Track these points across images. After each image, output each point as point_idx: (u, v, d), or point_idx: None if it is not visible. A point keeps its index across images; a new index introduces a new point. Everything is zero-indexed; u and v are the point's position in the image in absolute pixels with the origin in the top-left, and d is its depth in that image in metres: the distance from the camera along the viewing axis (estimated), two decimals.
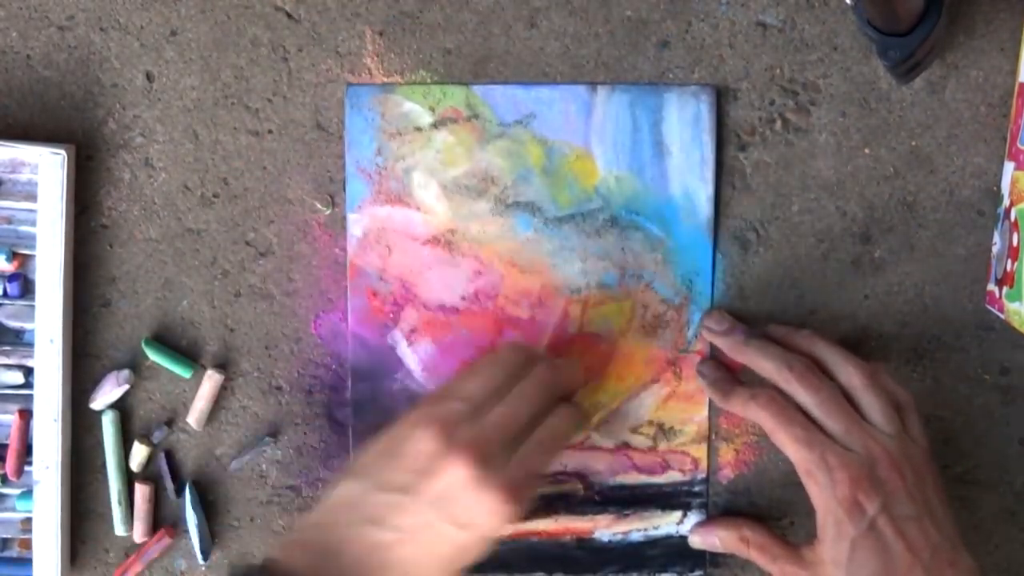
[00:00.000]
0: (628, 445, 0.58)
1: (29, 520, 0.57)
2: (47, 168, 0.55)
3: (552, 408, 0.52)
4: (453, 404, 0.50)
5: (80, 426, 0.58)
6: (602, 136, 0.57)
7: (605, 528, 0.59)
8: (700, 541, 0.58)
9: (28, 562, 0.57)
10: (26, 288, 0.57)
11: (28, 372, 0.57)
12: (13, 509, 0.58)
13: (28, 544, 0.57)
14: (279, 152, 0.57)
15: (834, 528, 0.50)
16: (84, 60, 0.57)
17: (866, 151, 0.57)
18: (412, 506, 0.47)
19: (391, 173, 0.57)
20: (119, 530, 0.58)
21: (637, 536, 0.59)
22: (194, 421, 0.58)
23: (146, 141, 0.57)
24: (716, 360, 0.58)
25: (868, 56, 0.56)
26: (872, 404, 0.52)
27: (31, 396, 0.56)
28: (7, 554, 0.58)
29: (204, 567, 0.59)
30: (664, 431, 0.58)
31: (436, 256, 0.57)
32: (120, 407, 0.58)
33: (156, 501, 0.59)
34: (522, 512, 0.49)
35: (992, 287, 0.56)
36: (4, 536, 0.58)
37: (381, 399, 0.58)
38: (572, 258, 0.57)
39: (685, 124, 0.56)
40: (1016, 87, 0.56)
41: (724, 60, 0.56)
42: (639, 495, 0.59)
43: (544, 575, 0.59)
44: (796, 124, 0.57)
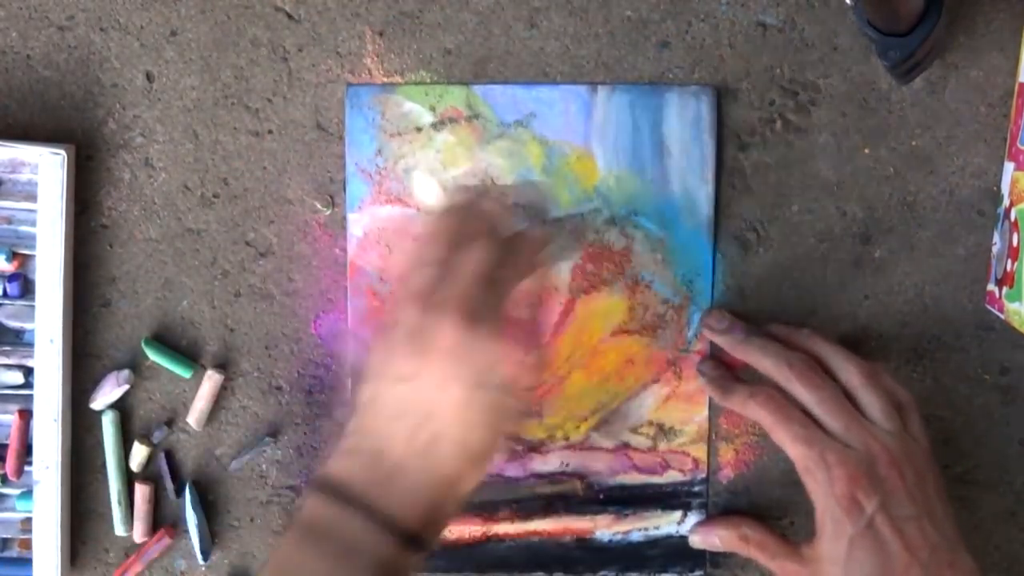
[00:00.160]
0: (628, 445, 0.58)
1: (29, 520, 0.57)
2: (47, 168, 0.55)
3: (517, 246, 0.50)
4: (423, 273, 0.48)
5: (80, 426, 0.58)
6: (602, 136, 0.57)
7: (605, 528, 0.59)
8: (700, 541, 0.58)
9: (28, 562, 0.57)
10: (26, 288, 0.57)
11: (28, 372, 0.57)
12: (13, 509, 0.58)
13: (28, 544, 0.57)
14: (279, 152, 0.57)
15: (832, 526, 0.50)
16: (84, 60, 0.57)
17: (866, 151, 0.57)
18: (431, 383, 0.47)
19: (391, 173, 0.57)
20: (119, 530, 0.58)
21: (637, 536, 0.59)
22: (194, 421, 0.58)
23: (146, 141, 0.57)
24: (716, 359, 0.58)
25: (868, 56, 0.56)
26: (872, 403, 0.52)
27: (31, 396, 0.56)
28: (7, 554, 0.58)
29: (204, 567, 0.59)
30: (664, 431, 0.58)
31: None
32: (120, 407, 0.58)
33: (156, 501, 0.59)
34: (534, 351, 0.48)
35: (992, 287, 0.56)
36: (4, 536, 0.58)
37: None
38: (572, 258, 0.57)
39: (685, 124, 0.56)
40: (1016, 87, 0.56)
41: (724, 60, 0.56)
42: (639, 495, 0.59)
43: (544, 575, 0.59)
44: (796, 124, 0.57)
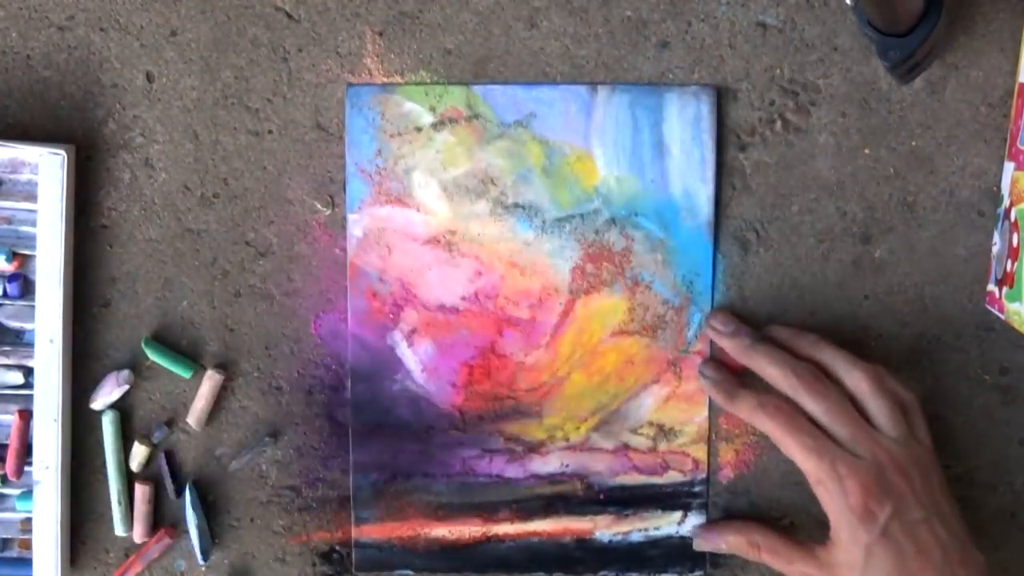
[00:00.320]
0: (628, 446, 0.58)
1: (29, 520, 0.57)
2: (47, 168, 0.55)
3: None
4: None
5: (80, 426, 0.58)
6: (602, 136, 0.57)
7: (605, 528, 0.59)
8: (706, 544, 0.58)
9: (28, 562, 0.57)
10: (26, 288, 0.57)
11: (28, 372, 0.57)
12: (13, 509, 0.58)
13: (28, 544, 0.57)
14: (279, 152, 0.57)
15: (848, 534, 0.51)
16: (84, 60, 0.57)
17: (866, 151, 0.57)
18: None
19: (391, 173, 0.57)
20: (119, 530, 0.58)
21: (637, 536, 0.59)
22: (194, 421, 0.58)
23: (146, 141, 0.57)
24: (718, 361, 0.58)
25: (868, 56, 0.56)
26: (879, 409, 0.52)
27: (31, 396, 0.56)
28: (7, 554, 0.58)
29: (204, 567, 0.59)
30: (664, 432, 0.58)
31: (436, 256, 0.57)
32: (120, 407, 0.58)
33: (156, 501, 0.59)
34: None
35: (992, 287, 0.56)
36: (4, 536, 0.58)
37: (381, 400, 0.58)
38: (572, 259, 0.57)
39: (685, 124, 0.56)
40: (1016, 87, 0.56)
41: (724, 60, 0.56)
42: (639, 495, 0.59)
43: (544, 575, 0.59)
44: (796, 124, 0.57)
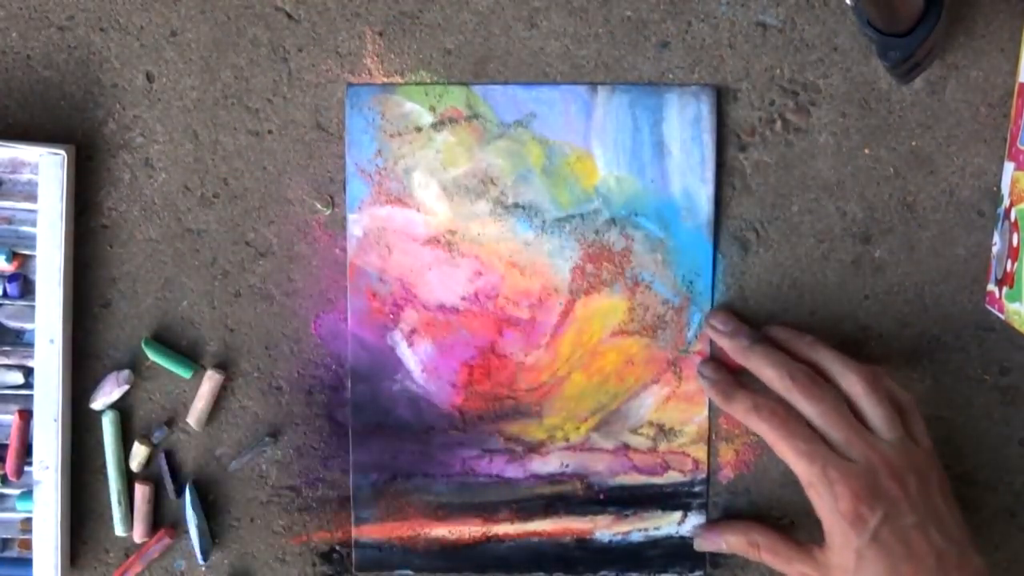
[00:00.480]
0: (628, 446, 0.58)
1: (29, 520, 0.57)
2: (47, 168, 0.55)
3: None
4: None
5: (80, 426, 0.58)
6: (602, 136, 0.57)
7: (605, 528, 0.59)
8: (706, 544, 0.58)
9: (28, 562, 0.57)
10: (26, 288, 0.57)
11: (28, 372, 0.57)
12: (13, 509, 0.58)
13: (28, 544, 0.57)
14: (279, 152, 0.57)
15: (839, 538, 0.51)
16: (84, 60, 0.57)
17: (866, 151, 0.57)
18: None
19: (391, 173, 0.57)
20: (119, 530, 0.58)
21: (637, 536, 0.59)
22: (194, 421, 0.58)
23: (146, 141, 0.57)
24: (717, 361, 0.58)
25: (868, 56, 0.56)
26: (874, 411, 0.52)
27: (31, 396, 0.56)
28: (7, 554, 0.58)
29: (204, 567, 0.59)
30: (664, 432, 0.58)
31: (436, 256, 0.57)
32: (120, 407, 0.58)
33: (156, 501, 0.59)
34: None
35: (992, 287, 0.56)
36: (4, 536, 0.58)
37: (381, 400, 0.58)
38: (572, 259, 0.57)
39: (685, 124, 0.56)
40: (1016, 87, 0.56)
41: (724, 60, 0.56)
42: (639, 495, 0.59)
43: (544, 575, 0.59)
44: (796, 124, 0.57)
